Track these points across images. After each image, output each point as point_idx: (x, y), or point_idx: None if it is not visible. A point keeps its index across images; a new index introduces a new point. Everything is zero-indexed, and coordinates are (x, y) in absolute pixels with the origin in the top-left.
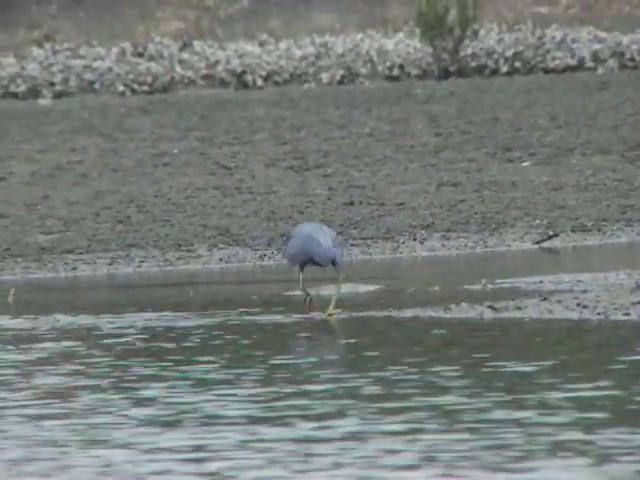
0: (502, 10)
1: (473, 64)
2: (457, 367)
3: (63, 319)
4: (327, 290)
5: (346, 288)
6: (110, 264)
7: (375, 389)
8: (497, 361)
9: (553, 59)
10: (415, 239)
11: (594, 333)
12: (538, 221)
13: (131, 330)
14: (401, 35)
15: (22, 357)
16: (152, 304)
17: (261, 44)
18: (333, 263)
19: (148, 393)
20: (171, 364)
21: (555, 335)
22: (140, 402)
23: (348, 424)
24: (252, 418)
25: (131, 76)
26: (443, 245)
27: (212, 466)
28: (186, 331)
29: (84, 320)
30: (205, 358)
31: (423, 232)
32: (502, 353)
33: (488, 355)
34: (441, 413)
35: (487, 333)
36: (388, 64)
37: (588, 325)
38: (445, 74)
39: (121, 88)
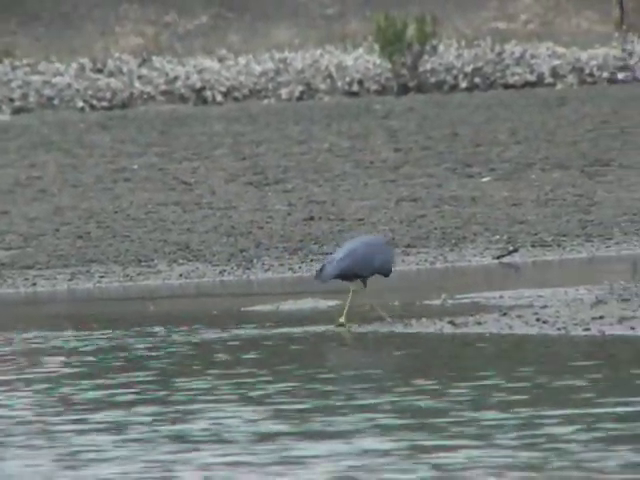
0: (461, 26)
1: (432, 80)
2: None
3: (19, 335)
4: (286, 305)
5: (306, 303)
6: (70, 280)
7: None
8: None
9: (512, 75)
10: None
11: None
12: (498, 236)
13: (88, 347)
14: (360, 51)
15: None
16: (107, 320)
17: (220, 60)
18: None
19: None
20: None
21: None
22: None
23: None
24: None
25: (90, 92)
26: (403, 260)
27: None
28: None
29: (42, 336)
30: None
31: None
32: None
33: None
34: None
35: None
36: (347, 80)
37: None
38: (404, 90)
39: (80, 104)
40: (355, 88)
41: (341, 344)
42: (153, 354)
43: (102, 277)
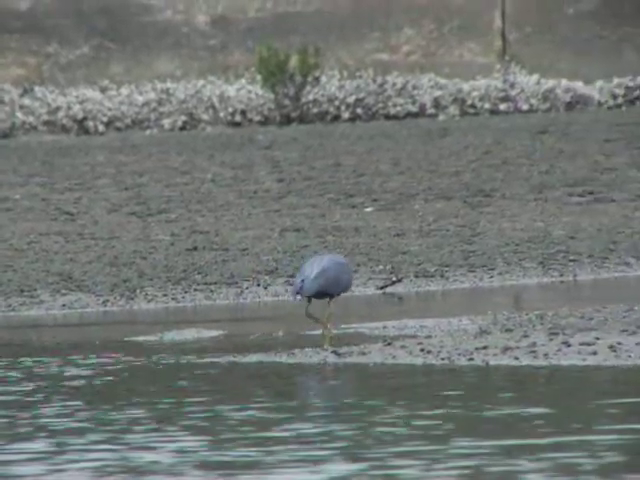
0: (343, 57)
1: (315, 110)
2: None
3: None
4: (169, 335)
5: (190, 334)
6: None
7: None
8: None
9: (394, 105)
10: (259, 284)
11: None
12: (381, 266)
13: None
14: (243, 81)
15: None
16: None
17: (102, 90)
18: (324, 295)
19: None
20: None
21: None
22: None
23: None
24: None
25: None
26: (287, 290)
27: None
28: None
29: None
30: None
31: (267, 277)
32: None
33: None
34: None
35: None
36: (230, 110)
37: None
38: (287, 120)
39: None
40: (238, 118)
41: (218, 374)
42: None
43: None
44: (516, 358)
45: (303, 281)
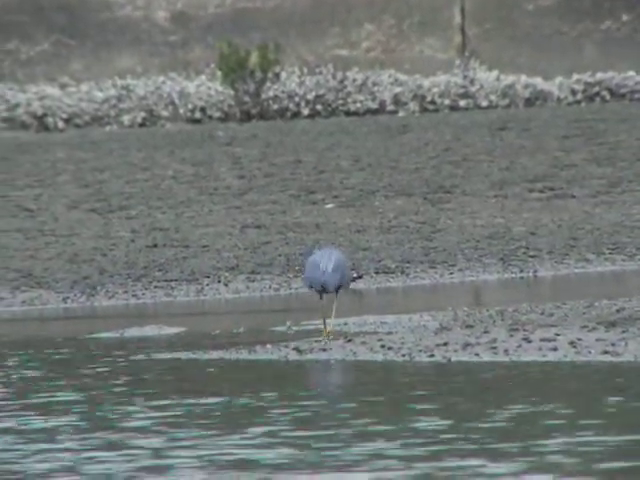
0: (303, 53)
1: (275, 107)
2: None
3: None
4: (130, 332)
5: (150, 330)
6: None
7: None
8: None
9: (354, 102)
10: (219, 281)
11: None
12: None
13: None
14: (203, 78)
15: None
16: None
17: (62, 87)
18: (339, 288)
19: None
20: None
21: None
22: None
23: None
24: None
25: None
26: (247, 287)
27: None
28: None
29: None
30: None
31: (227, 274)
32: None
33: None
34: None
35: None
36: (190, 107)
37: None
38: (247, 117)
39: None
40: (198, 115)
41: (183, 371)
42: None
43: None
44: (477, 354)
45: (324, 274)
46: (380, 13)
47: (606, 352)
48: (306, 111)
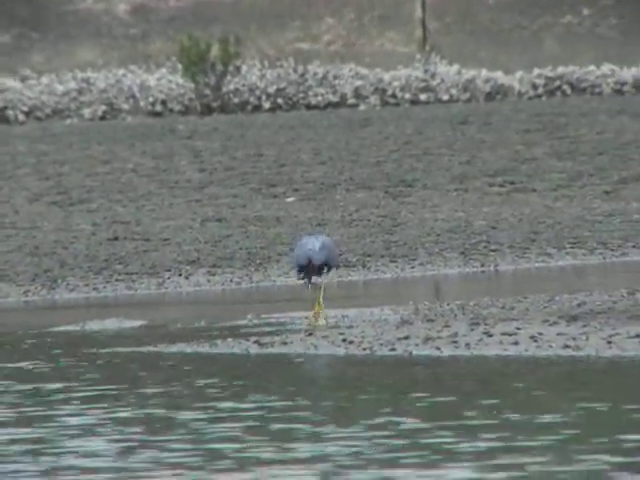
0: (264, 47)
1: (236, 100)
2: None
3: None
4: (91, 325)
5: (111, 323)
6: None
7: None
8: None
9: (315, 95)
10: (180, 274)
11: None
12: None
13: None
14: (163, 71)
15: None
16: None
17: (23, 79)
18: (326, 266)
19: None
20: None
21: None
22: None
23: None
24: None
25: None
26: (208, 280)
27: None
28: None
29: None
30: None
31: (188, 267)
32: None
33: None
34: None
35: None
36: (150, 100)
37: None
38: (208, 110)
39: None
40: (159, 108)
41: (142, 365)
42: None
43: None
44: (438, 348)
45: (310, 250)
46: (341, 7)
47: (567, 346)
48: (267, 104)
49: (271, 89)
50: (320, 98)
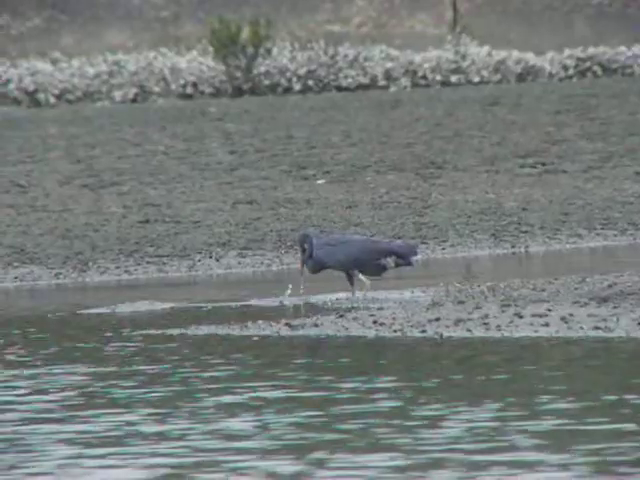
0: (295, 29)
1: (266, 82)
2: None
3: None
4: (122, 308)
5: (143, 305)
6: None
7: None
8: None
9: (346, 77)
10: (211, 257)
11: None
12: None
13: None
14: (194, 53)
15: None
16: None
17: (53, 62)
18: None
19: None
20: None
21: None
22: None
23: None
24: None
25: None
26: (239, 263)
27: None
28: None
29: None
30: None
31: (219, 250)
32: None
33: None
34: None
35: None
36: (181, 82)
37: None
38: (239, 92)
39: None
40: (189, 90)
41: (177, 347)
42: None
43: None
44: (468, 330)
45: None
46: None
47: (598, 328)
48: (298, 86)
49: (301, 71)
50: (351, 80)
